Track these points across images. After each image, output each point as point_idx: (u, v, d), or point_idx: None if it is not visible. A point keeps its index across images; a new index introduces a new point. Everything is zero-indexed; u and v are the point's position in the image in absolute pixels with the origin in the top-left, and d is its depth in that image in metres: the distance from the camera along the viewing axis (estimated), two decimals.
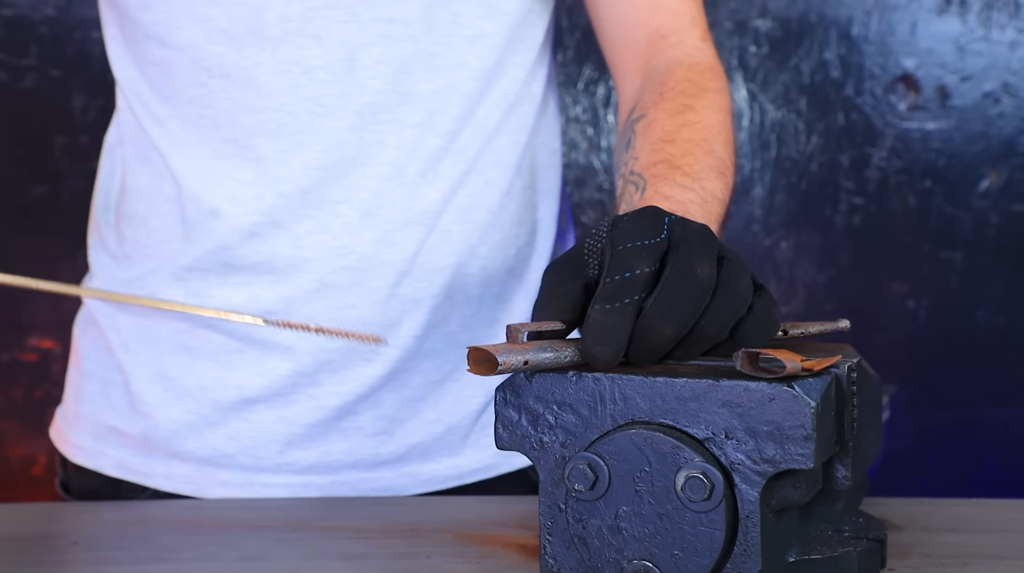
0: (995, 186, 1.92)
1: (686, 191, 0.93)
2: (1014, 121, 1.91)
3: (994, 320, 1.94)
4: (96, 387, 1.13)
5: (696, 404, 0.69)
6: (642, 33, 1.11)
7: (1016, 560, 0.81)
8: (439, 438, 1.12)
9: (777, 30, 1.89)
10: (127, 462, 1.11)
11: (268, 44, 1.03)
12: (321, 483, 1.09)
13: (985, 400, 1.95)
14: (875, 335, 1.95)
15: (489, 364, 0.68)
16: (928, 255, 1.94)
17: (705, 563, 0.68)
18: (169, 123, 1.08)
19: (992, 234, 1.93)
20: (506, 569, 0.80)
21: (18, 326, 1.94)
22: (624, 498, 0.70)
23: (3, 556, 0.85)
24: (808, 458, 0.67)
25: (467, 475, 1.13)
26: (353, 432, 1.09)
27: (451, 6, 1.05)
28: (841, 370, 0.72)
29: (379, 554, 0.83)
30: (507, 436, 0.73)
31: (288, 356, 1.07)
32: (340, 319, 1.05)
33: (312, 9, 1.03)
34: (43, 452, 1.93)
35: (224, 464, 1.09)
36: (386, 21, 1.04)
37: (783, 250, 1.94)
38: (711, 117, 1.05)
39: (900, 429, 1.95)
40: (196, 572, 0.81)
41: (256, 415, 1.08)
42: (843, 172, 1.93)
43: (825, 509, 0.79)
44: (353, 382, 1.08)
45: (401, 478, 1.11)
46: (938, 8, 1.89)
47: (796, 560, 0.74)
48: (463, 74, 1.07)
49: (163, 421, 1.09)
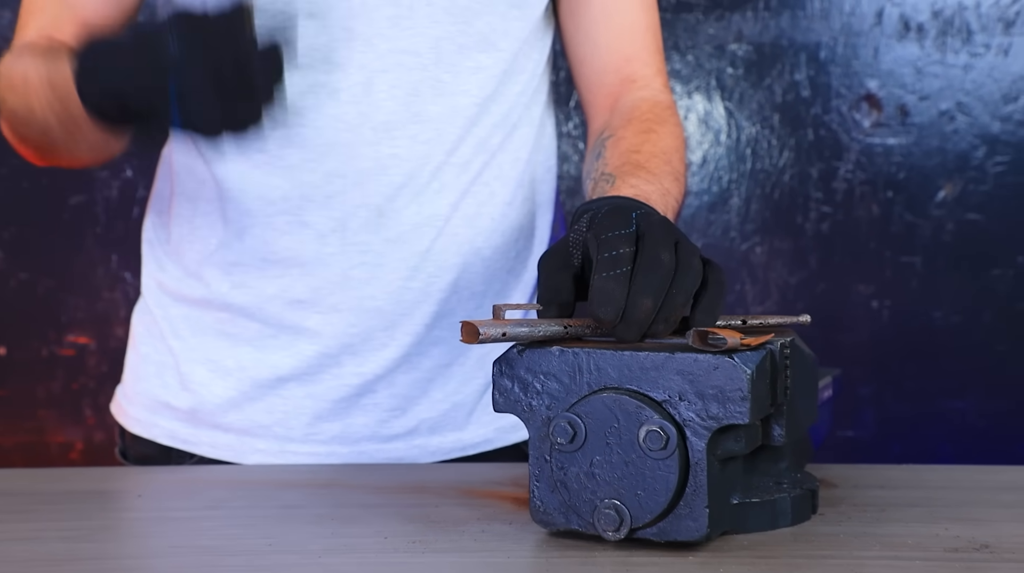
0: (950, 197, 1.95)
1: (649, 184, 1.09)
2: (967, 137, 1.93)
3: (950, 319, 1.97)
4: (151, 368, 1.24)
5: (655, 373, 0.82)
6: (615, 79, 1.24)
7: (926, 508, 0.94)
8: (445, 414, 1.22)
9: (752, 54, 1.95)
10: (177, 432, 1.22)
11: (298, 70, 1.13)
12: (343, 452, 1.20)
13: (942, 392, 1.98)
14: (842, 333, 1.98)
15: (474, 335, 0.83)
16: (890, 260, 1.97)
17: (662, 500, 0.81)
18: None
19: (948, 240, 1.96)
20: (502, 514, 0.93)
21: (57, 324, 2.01)
22: (597, 449, 0.83)
23: (81, 505, 1.00)
24: (745, 415, 0.81)
25: (469, 447, 1.23)
26: (372, 408, 1.20)
27: (457, 40, 1.17)
28: (775, 346, 0.86)
29: (395, 504, 0.97)
30: (502, 401, 0.87)
31: (315, 340, 1.18)
32: (360, 308, 1.19)
33: (336, 39, 1.15)
34: (79, 439, 2.00)
35: (260, 434, 1.20)
36: (400, 52, 1.16)
37: (758, 255, 1.98)
38: (670, 141, 1.18)
39: (865, 419, 1.98)
40: (244, 516, 0.96)
41: (288, 392, 1.19)
42: (812, 183, 1.97)
43: (769, 466, 0.92)
44: (372, 364, 1.19)
45: (412, 449, 1.21)
46: (898, 35, 1.92)
47: (739, 502, 0.87)
48: (466, 99, 1.18)
49: (208, 397, 1.21)
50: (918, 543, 0.85)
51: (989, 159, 1.95)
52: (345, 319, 1.18)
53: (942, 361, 1.98)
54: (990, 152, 1.95)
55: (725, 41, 1.96)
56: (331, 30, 1.15)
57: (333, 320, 1.18)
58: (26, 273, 2.02)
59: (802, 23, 1.94)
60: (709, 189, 1.99)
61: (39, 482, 1.09)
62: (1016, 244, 1.96)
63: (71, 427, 2.01)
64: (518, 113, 1.23)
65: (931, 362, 1.98)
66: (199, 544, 0.88)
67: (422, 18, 1.17)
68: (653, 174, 1.12)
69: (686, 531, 0.82)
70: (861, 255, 1.97)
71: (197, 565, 0.83)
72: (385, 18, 1.16)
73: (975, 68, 1.94)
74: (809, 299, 1.98)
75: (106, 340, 2.00)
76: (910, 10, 1.93)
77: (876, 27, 1.94)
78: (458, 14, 1.17)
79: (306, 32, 1.14)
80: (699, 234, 1.99)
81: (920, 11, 1.93)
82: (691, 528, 0.82)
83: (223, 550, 0.86)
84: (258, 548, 0.86)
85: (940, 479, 1.06)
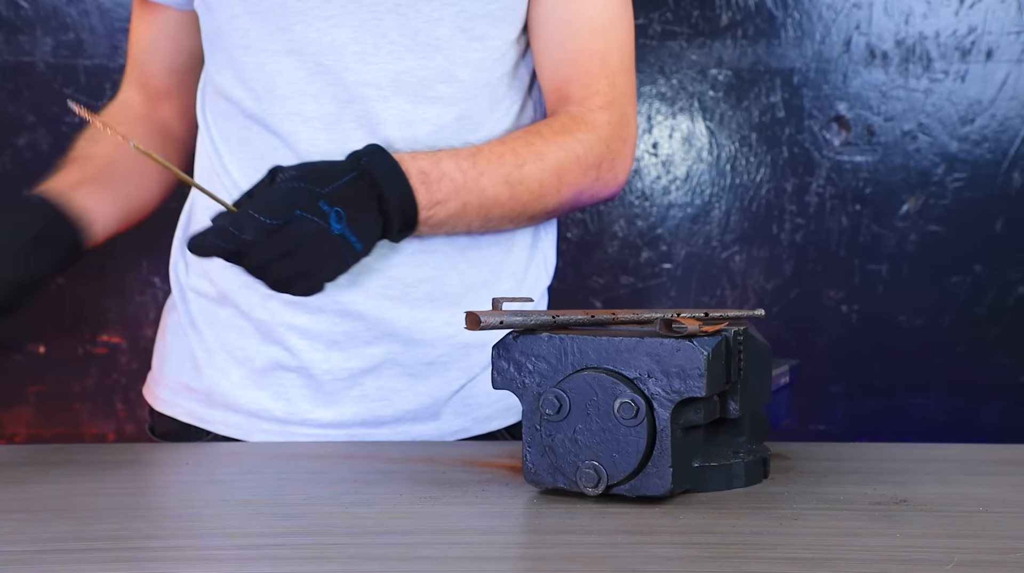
0: (913, 210, 2.00)
1: (455, 168, 1.21)
2: (928, 155, 1.99)
3: (913, 322, 2.03)
4: (175, 355, 1.38)
5: (628, 354, 0.96)
6: (554, 98, 1.34)
7: (862, 473, 1.08)
8: (427, 407, 1.33)
9: (732, 78, 2.02)
10: (195, 411, 1.36)
11: (278, 100, 1.28)
12: (336, 436, 1.31)
13: (906, 390, 2.03)
14: (814, 335, 2.04)
15: (476, 323, 0.97)
16: (858, 267, 2.02)
17: (633, 461, 0.95)
18: (224, 156, 1.35)
19: (912, 250, 2.01)
20: (499, 477, 1.07)
21: (92, 325, 2.08)
22: (579, 419, 0.96)
23: (137, 471, 1.15)
24: (702, 389, 0.94)
25: (447, 435, 1.35)
26: (360, 398, 1.32)
27: (417, 74, 1.27)
28: (730, 333, 0.99)
29: (407, 470, 1.11)
30: (500, 379, 1.00)
31: (306, 336, 1.29)
32: (343, 311, 1.28)
33: (311, 74, 1.26)
34: (111, 431, 2.07)
35: (265, 416, 1.32)
36: (364, 84, 1.26)
37: (737, 263, 2.04)
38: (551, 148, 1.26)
39: (835, 415, 2.04)
40: (279, 479, 1.10)
41: (288, 381, 1.31)
42: (787, 197, 2.02)
43: (728, 438, 1.04)
44: (358, 359, 1.30)
45: (396, 436, 1.32)
46: (865, 61, 1.99)
47: (699, 465, 1.00)
48: (426, 128, 1.28)
49: (222, 382, 1.34)
50: (848, 499, 0.99)
51: (948, 175, 2.01)
52: (330, 319, 1.29)
53: (906, 361, 2.04)
54: (949, 169, 2.01)
55: (707, 66, 2.03)
56: (306, 65, 1.26)
57: (319, 320, 1.30)
58: (64, 278, 2.04)
59: (777, 50, 2.02)
60: (692, 202, 2.06)
61: (102, 454, 1.25)
62: (974, 253, 2.03)
63: (104, 420, 2.08)
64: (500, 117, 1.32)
65: (896, 362, 2.04)
66: (243, 498, 1.02)
67: (385, 54, 1.26)
68: (476, 163, 1.22)
69: (653, 487, 0.95)
70: (831, 263, 2.03)
71: (243, 513, 0.98)
72: (352, 54, 1.26)
73: (935, 92, 2.00)
74: (784, 304, 2.04)
75: (136, 340, 2.07)
76: (876, 39, 2.00)
77: (845, 54, 2.01)
78: (418, 50, 1.26)
79: (285, 67, 1.27)
80: (683, 243, 2.05)
81: (885, 40, 2.00)
82: (657, 485, 0.95)
83: (264, 503, 1.00)
84: (295, 501, 1.00)
85: (880, 454, 1.19)
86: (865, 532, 0.89)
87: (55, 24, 2.03)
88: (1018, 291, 2.04)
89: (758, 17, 2.02)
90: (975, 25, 2.00)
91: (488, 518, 0.96)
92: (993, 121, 2.01)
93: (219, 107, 1.34)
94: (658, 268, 2.06)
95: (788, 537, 0.89)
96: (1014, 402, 2.05)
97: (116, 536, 0.90)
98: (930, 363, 2.05)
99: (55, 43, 2.03)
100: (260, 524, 0.94)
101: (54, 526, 0.93)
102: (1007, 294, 2.04)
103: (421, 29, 1.26)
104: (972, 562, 0.82)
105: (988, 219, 2.03)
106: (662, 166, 2.06)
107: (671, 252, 2.06)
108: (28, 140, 2.05)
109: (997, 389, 2.05)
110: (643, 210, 2.07)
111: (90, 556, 0.85)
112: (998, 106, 2.01)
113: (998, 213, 2.03)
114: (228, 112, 1.33)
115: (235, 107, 1.31)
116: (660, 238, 2.07)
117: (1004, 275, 2.04)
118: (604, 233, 2.07)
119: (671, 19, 2.03)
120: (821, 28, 2.01)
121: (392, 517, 0.95)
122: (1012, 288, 2.04)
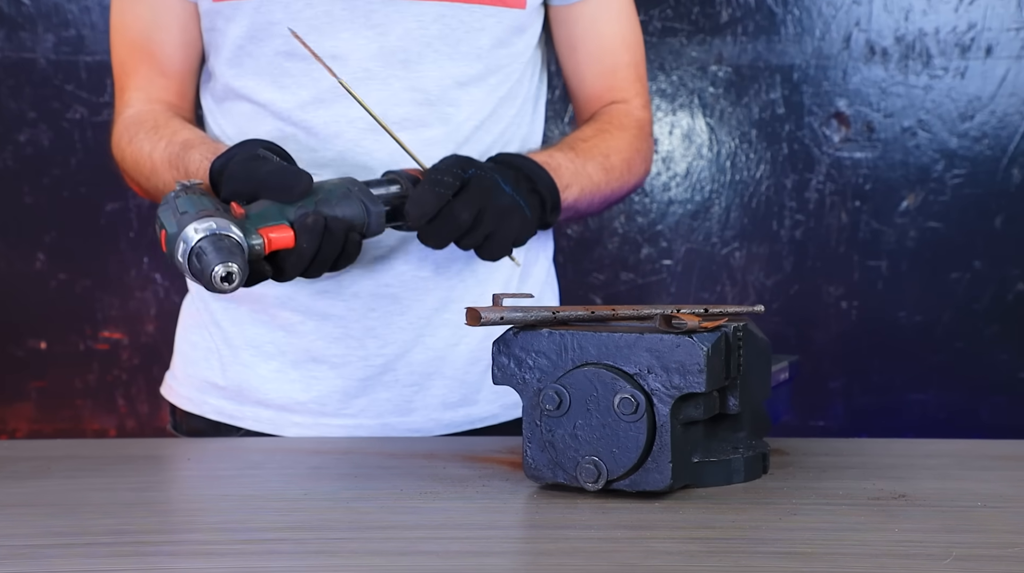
0: (913, 206, 2.00)
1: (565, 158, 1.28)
2: (928, 152, 1.99)
3: (913, 319, 2.03)
4: (199, 353, 1.38)
5: (628, 350, 0.96)
6: (600, 102, 1.42)
7: (860, 469, 1.08)
8: (457, 391, 1.35)
9: (732, 75, 2.02)
10: (224, 409, 1.36)
11: (323, 104, 1.30)
12: (370, 425, 1.33)
13: (905, 386, 2.04)
14: (814, 331, 2.04)
15: (476, 319, 0.98)
16: (858, 264, 2.03)
17: (633, 457, 0.95)
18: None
19: (911, 246, 2.01)
20: (500, 473, 1.07)
21: (93, 321, 2.08)
22: (579, 414, 0.96)
23: (142, 466, 1.15)
24: (702, 385, 0.94)
25: (477, 421, 1.36)
26: (393, 384, 1.33)
27: (458, 79, 1.31)
28: (729, 329, 0.99)
29: (408, 466, 1.12)
30: (500, 375, 1.01)
31: (340, 324, 1.31)
32: (378, 294, 1.31)
33: (357, 79, 1.28)
34: (112, 426, 2.08)
35: (297, 410, 1.33)
36: (410, 89, 1.30)
37: (737, 259, 2.04)
38: (617, 142, 1.36)
39: (835, 411, 2.04)
40: (280, 474, 1.11)
41: (320, 372, 1.32)
42: (787, 193, 2.02)
43: (728, 433, 1.04)
44: (392, 345, 1.32)
45: (428, 422, 1.34)
46: (864, 58, 1.99)
47: (699, 461, 1.00)
48: (467, 124, 1.32)
49: (252, 377, 1.35)
50: (847, 494, 1.00)
51: (948, 172, 2.02)
52: (365, 305, 1.31)
53: (905, 357, 2.04)
54: (948, 166, 2.01)
55: (707, 63, 2.03)
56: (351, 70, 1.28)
57: (355, 306, 1.32)
58: (65, 274, 2.09)
59: (777, 47, 2.02)
60: (692, 198, 2.07)
61: (104, 450, 1.25)
62: (973, 249, 2.03)
63: (105, 415, 2.09)
64: (512, 131, 1.37)
65: (895, 358, 2.04)
66: (245, 493, 1.03)
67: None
68: (577, 154, 1.30)
69: (653, 482, 0.96)
70: (831, 259, 2.04)
71: (245, 508, 0.98)
72: (398, 61, 1.29)
73: (935, 89, 2.00)
74: (784, 300, 2.04)
75: (138, 336, 2.08)
76: (875, 36, 2.01)
77: (844, 51, 2.01)
78: (459, 58, 1.30)
79: (330, 76, 1.28)
80: (683, 239, 2.06)
81: (884, 37, 2.01)
82: (657, 480, 0.96)
83: (266, 497, 1.01)
84: (295, 496, 1.01)
85: (878, 449, 1.19)
86: (864, 527, 0.90)
87: (56, 21, 2.04)
88: (1017, 287, 2.05)
89: (758, 14, 2.02)
90: (975, 21, 2.00)
91: (488, 513, 0.96)
92: (993, 117, 2.01)
93: (241, 110, 1.34)
94: (658, 264, 2.07)
95: (787, 532, 0.89)
96: (1013, 398, 2.05)
97: (118, 531, 0.90)
98: (929, 359, 2.05)
99: (56, 39, 2.04)
100: (261, 519, 0.94)
101: (56, 521, 0.94)
102: (1006, 290, 2.04)
103: (463, 39, 1.31)
104: (970, 557, 0.82)
105: (987, 215, 2.03)
106: (662, 162, 2.07)
107: (671, 248, 2.07)
108: (29, 136, 2.06)
109: (996, 385, 2.05)
110: (643, 206, 2.07)
111: (92, 550, 0.85)
112: (998, 102, 2.01)
113: (998, 209, 2.03)
114: (253, 114, 1.33)
115: (264, 110, 1.32)
116: (660, 234, 2.07)
117: (1003, 271, 2.04)
118: (604, 229, 2.07)
119: (671, 16, 2.03)
120: (821, 25, 2.01)
121: (393, 512, 0.95)
122: (1011, 284, 2.04)
